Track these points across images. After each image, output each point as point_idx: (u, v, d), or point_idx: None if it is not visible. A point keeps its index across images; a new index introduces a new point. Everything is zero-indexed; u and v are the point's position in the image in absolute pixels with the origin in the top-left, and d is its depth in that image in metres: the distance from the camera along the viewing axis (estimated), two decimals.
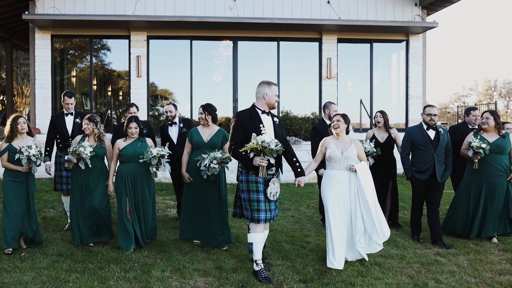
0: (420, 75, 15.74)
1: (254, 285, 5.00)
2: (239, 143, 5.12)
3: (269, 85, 5.41)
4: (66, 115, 7.40)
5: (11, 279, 5.04)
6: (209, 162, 6.14)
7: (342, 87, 15.69)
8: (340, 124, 5.81)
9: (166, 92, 16.05)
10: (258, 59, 15.62)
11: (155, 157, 6.17)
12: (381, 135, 7.65)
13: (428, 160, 6.63)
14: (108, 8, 14.75)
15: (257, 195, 5.15)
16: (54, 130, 7.44)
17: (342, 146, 5.78)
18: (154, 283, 4.99)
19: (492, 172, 6.77)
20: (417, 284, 5.09)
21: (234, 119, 5.27)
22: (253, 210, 5.16)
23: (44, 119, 14.58)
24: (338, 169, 5.75)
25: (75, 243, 6.35)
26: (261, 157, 4.97)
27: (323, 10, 15.28)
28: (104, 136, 6.58)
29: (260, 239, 5.24)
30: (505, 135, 6.83)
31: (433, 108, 6.78)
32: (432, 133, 6.70)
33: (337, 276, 5.31)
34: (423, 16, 15.74)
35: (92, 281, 5.01)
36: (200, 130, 6.60)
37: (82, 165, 6.25)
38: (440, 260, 5.93)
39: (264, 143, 4.90)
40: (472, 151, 6.69)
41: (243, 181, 5.25)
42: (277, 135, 5.27)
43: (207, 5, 15.02)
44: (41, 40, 14.68)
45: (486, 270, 5.58)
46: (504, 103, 47.55)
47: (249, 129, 5.14)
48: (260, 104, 5.38)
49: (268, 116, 5.35)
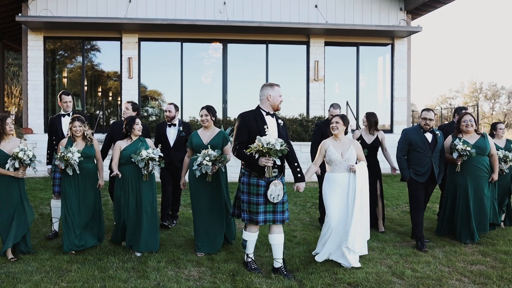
0: (405, 78, 16.24)
1: (245, 273, 5.38)
2: (243, 144, 5.20)
3: (271, 87, 5.44)
4: (63, 116, 7.20)
5: (16, 269, 5.38)
6: (201, 159, 5.99)
7: (329, 89, 16.13)
8: (339, 126, 5.85)
9: (155, 93, 16.38)
10: (247, 61, 16.04)
11: (142, 160, 6.02)
12: (368, 137, 7.65)
13: (425, 163, 6.64)
14: (100, 10, 15.05)
15: (257, 198, 5.25)
16: (51, 133, 7.28)
17: (341, 148, 5.83)
18: (151, 272, 5.35)
19: (477, 173, 6.80)
20: (395, 273, 5.49)
21: (239, 120, 5.36)
22: (252, 212, 5.28)
23: (36, 119, 14.89)
24: (339, 171, 5.80)
25: (66, 249, 5.99)
26: (266, 158, 5.03)
27: (311, 14, 15.73)
28: (91, 135, 6.39)
29: (253, 238, 5.48)
30: (484, 135, 6.93)
31: (429, 112, 6.78)
32: (429, 136, 6.72)
33: (321, 266, 5.70)
34: (408, 21, 16.23)
35: (93, 271, 5.37)
36: (200, 133, 6.45)
37: (70, 171, 6.01)
38: (417, 252, 6.34)
39: (270, 145, 4.96)
40: (457, 154, 6.70)
41: (245, 183, 5.34)
42: (280, 137, 5.27)
43: (198, 8, 15.38)
44: (34, 41, 14.95)
45: (459, 261, 6.01)
46: (490, 105, 48.34)
47: (253, 130, 5.21)
48: (264, 106, 5.43)
49: (272, 118, 5.41)
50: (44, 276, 5.16)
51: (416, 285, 5.15)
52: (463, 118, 6.95)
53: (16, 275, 5.17)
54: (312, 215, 8.59)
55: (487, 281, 5.27)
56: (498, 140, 7.79)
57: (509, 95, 47.34)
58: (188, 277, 5.28)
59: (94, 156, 6.37)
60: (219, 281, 5.14)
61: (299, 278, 5.28)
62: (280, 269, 5.39)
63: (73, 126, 6.21)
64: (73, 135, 6.24)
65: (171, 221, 7.74)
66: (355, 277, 5.34)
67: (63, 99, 7.23)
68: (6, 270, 5.34)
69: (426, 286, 5.10)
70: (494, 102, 48.40)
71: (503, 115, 46.40)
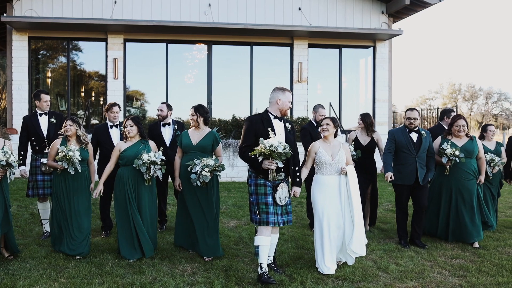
0: (386, 80, 16.61)
1: (237, 269, 5.60)
2: (249, 147, 5.20)
3: (283, 91, 5.43)
4: (40, 115, 6.97)
5: (14, 266, 5.52)
6: (200, 169, 5.86)
7: (312, 90, 16.44)
8: (329, 128, 5.81)
9: (137, 93, 16.49)
10: (232, 63, 16.25)
11: (144, 164, 5.87)
12: (364, 138, 7.55)
13: (410, 163, 6.64)
14: (86, 11, 15.11)
15: (265, 198, 5.23)
16: (27, 133, 6.95)
17: (331, 150, 5.79)
18: (147, 268, 5.54)
19: (462, 175, 6.83)
20: (380, 267, 5.77)
21: (246, 123, 5.35)
22: (262, 212, 5.23)
23: (20, 119, 14.76)
24: (329, 174, 5.76)
25: (59, 249, 6.00)
26: (269, 161, 5.05)
27: (294, 16, 16.02)
28: (87, 138, 6.30)
29: (266, 243, 5.26)
30: (472, 138, 6.94)
31: (412, 112, 6.79)
32: (414, 136, 6.71)
33: (309, 261, 5.95)
34: (389, 24, 16.61)
35: (90, 267, 5.54)
36: (190, 133, 6.28)
37: (72, 170, 5.90)
38: (400, 248, 6.64)
39: (272, 147, 4.96)
40: (446, 158, 6.75)
41: (252, 184, 5.31)
42: (288, 141, 5.28)
43: (183, 10, 15.54)
44: (19, 41, 14.95)
45: (440, 255, 6.32)
46: (468, 106, 49.20)
47: (260, 133, 5.20)
48: (273, 109, 5.41)
49: (280, 122, 5.40)
50: (43, 273, 5.31)
51: (400, 278, 5.43)
52: (456, 122, 6.90)
53: (15, 272, 5.31)
54: (298, 213, 8.81)
55: (466, 274, 5.59)
56: (488, 142, 7.73)
57: (486, 96, 48.26)
58: (182, 273, 5.48)
59: (87, 159, 6.24)
60: (212, 276, 5.36)
61: (289, 273, 5.52)
62: (271, 265, 5.53)
63: (64, 125, 6.14)
64: (66, 134, 6.19)
65: (161, 225, 7.60)
66: (342, 271, 5.60)
67: (43, 98, 6.97)
68: (4, 268, 5.47)
69: (409, 279, 5.39)
70: (472, 103, 49.24)
71: (481, 116, 47.28)
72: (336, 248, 5.73)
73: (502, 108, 48.28)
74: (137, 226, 5.93)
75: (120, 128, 7.07)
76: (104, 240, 6.84)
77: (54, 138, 6.71)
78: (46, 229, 6.97)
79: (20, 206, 8.79)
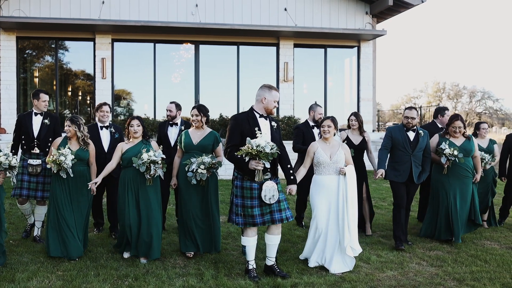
0: (370, 79, 16.99)
1: (226, 261, 5.89)
2: (235, 146, 5.11)
3: (269, 90, 5.31)
4: (35, 115, 6.85)
5: (11, 260, 5.72)
6: (196, 167, 5.80)
7: (298, 90, 16.78)
8: (330, 130, 5.79)
9: (124, 92, 16.64)
10: (219, 63, 16.52)
11: (144, 164, 5.68)
12: (355, 138, 7.40)
13: (405, 161, 6.64)
14: (74, 11, 15.26)
15: (251, 202, 5.17)
16: (20, 131, 6.85)
17: (330, 150, 5.79)
18: (140, 261, 5.79)
19: (461, 173, 6.84)
20: (361, 259, 6.08)
21: (231, 122, 5.25)
22: (247, 215, 5.19)
23: (9, 119, 14.99)
24: (327, 174, 5.77)
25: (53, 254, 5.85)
26: (256, 161, 4.96)
27: (280, 17, 16.32)
28: (88, 139, 6.16)
29: (252, 243, 5.31)
30: (469, 137, 6.93)
31: (411, 111, 6.77)
32: (411, 135, 6.70)
33: (295, 253, 6.25)
34: (373, 24, 16.99)
35: (85, 261, 5.79)
36: (191, 132, 6.18)
37: (64, 174, 5.79)
38: (382, 241, 6.98)
39: (259, 147, 4.88)
40: (445, 158, 6.73)
41: (238, 186, 5.25)
42: (274, 140, 5.21)
43: (170, 10, 15.75)
44: (6, 41, 15.06)
45: (419, 247, 6.66)
46: (452, 105, 49.88)
47: (245, 132, 5.12)
48: (258, 108, 5.32)
49: (266, 120, 5.33)
50: (40, 266, 5.54)
51: (380, 268, 5.76)
52: (453, 124, 6.86)
53: (13, 266, 5.52)
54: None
55: (443, 264, 5.94)
56: (481, 140, 7.83)
57: (470, 95, 49.00)
58: (174, 265, 5.74)
59: (87, 159, 6.12)
60: (203, 268, 5.63)
61: None
62: (273, 267, 5.40)
63: (65, 126, 6.08)
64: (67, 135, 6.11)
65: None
66: None
67: (42, 97, 6.84)
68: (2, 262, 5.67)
69: (389, 269, 5.71)
70: (456, 101, 49.90)
71: (465, 114, 47.94)
72: (330, 248, 5.73)
73: (486, 106, 49.07)
74: (132, 228, 5.83)
75: (110, 129, 7.04)
76: (97, 235, 7.07)
77: (44, 140, 6.73)
78: (37, 233, 6.73)
79: (12, 204, 8.94)
